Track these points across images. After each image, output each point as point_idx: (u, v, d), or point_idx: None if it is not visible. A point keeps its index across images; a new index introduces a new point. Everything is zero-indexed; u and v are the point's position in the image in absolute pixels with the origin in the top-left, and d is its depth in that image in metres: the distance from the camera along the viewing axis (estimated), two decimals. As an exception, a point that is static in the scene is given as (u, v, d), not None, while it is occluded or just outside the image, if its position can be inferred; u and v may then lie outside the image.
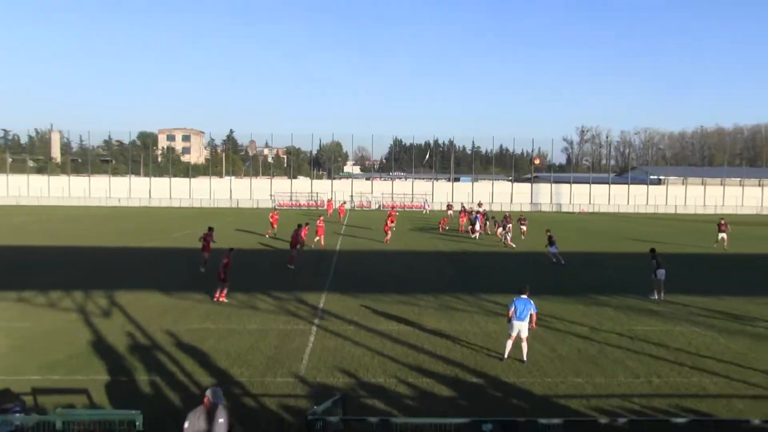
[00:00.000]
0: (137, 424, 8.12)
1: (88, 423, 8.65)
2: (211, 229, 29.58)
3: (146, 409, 9.05)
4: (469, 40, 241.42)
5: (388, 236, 42.13)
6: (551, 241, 32.44)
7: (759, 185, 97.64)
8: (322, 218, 42.27)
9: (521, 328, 14.60)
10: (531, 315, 14.72)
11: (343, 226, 55.34)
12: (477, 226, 45.84)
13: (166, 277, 26.27)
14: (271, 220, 45.87)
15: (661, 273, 22.27)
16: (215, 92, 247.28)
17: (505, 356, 14.75)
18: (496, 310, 20.21)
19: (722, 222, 40.38)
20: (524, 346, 14.74)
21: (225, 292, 21.16)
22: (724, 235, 39.65)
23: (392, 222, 47.46)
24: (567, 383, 13.42)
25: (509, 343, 14.80)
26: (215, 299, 20.91)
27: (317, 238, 38.77)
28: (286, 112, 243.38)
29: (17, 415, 9.18)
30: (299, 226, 32.04)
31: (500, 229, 43.51)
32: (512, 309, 14.65)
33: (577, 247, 39.78)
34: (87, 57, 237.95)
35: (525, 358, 14.66)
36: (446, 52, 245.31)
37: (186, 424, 7.56)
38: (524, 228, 46.29)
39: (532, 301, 14.83)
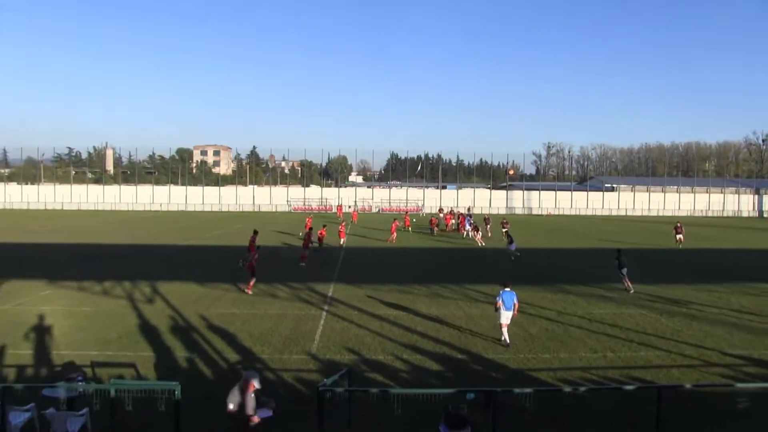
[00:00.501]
0: (176, 393, 8.12)
1: (136, 392, 8.67)
2: (255, 232, 28.83)
3: (183, 381, 9.08)
4: (455, 67, 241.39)
5: (394, 236, 40.39)
6: (510, 240, 32.33)
7: (692, 192, 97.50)
8: (343, 224, 42.35)
9: (507, 316, 14.38)
10: (514, 304, 14.50)
11: (348, 226, 55.23)
12: (468, 227, 43.81)
13: (199, 269, 26.16)
14: (306, 221, 44.94)
15: (624, 270, 22.29)
16: (241, 114, 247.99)
17: (507, 341, 14.36)
18: (478, 297, 20.19)
19: (678, 225, 40.03)
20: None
21: (252, 284, 20.98)
22: (680, 236, 38.96)
23: (407, 224, 48.82)
24: (537, 359, 13.41)
25: (505, 330, 14.41)
26: (245, 290, 20.81)
27: (342, 240, 38.26)
28: (301, 131, 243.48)
29: (80, 383, 9.23)
30: (310, 230, 31.51)
31: (472, 229, 42.18)
32: (500, 301, 14.37)
33: (545, 244, 39.75)
34: (134, 84, 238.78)
35: (508, 341, 14.46)
36: (436, 78, 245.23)
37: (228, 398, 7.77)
38: (505, 230, 44.17)
39: (515, 293, 14.65)
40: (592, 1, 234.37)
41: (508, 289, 14.60)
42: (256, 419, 7.87)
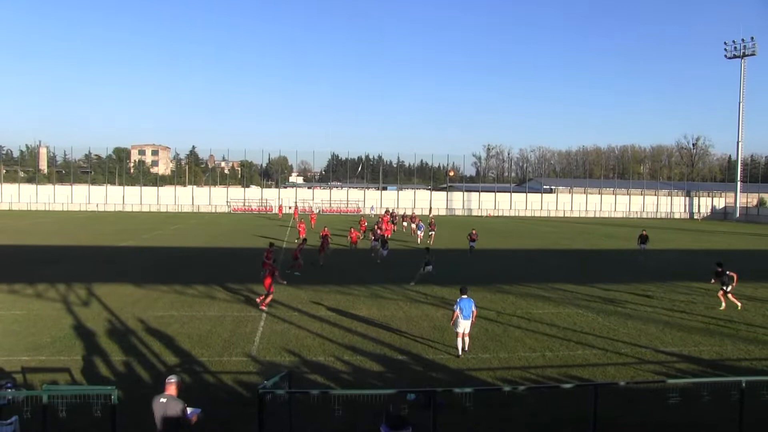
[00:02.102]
0: (113, 397, 7.86)
1: (70, 397, 8.34)
2: (272, 244, 25.02)
3: (120, 385, 8.81)
4: (395, 68, 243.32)
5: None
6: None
7: (627, 194, 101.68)
8: (303, 223, 40.15)
9: (466, 325, 13.66)
10: (473, 312, 13.71)
11: (289, 227, 54.74)
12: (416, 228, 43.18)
13: (137, 271, 25.46)
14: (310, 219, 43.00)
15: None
16: (180, 113, 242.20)
17: (460, 352, 13.65)
18: (417, 298, 20.37)
19: (644, 233, 36.02)
20: (467, 340, 13.89)
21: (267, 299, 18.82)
22: (645, 246, 35.15)
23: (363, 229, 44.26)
24: (477, 359, 13.63)
25: (459, 341, 13.71)
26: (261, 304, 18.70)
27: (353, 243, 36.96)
28: (241, 131, 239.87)
29: (9, 390, 8.84)
30: (325, 236, 29.72)
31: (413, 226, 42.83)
32: (458, 309, 13.57)
33: (485, 245, 40.47)
34: (70, 81, 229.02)
35: (467, 349, 13.88)
36: (377, 79, 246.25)
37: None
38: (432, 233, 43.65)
39: (473, 300, 13.94)
40: (529, 5, 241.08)
41: (465, 297, 13.88)
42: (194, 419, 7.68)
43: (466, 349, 13.87)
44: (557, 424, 9.85)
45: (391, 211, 66.34)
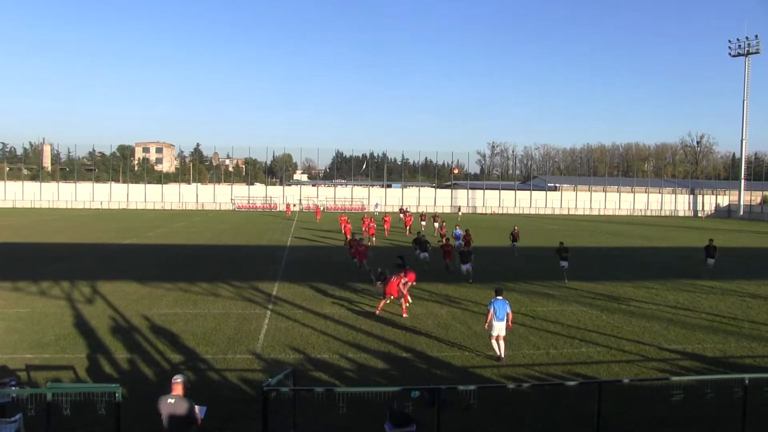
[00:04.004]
0: (117, 395, 7.88)
1: (74, 395, 8.37)
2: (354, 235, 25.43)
3: (125, 383, 8.83)
4: (401, 66, 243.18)
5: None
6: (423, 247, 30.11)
7: (631, 191, 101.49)
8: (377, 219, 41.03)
9: (501, 327, 13.06)
10: (507, 315, 13.09)
11: (293, 222, 54.84)
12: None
13: (141, 268, 25.50)
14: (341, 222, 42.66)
15: (564, 263, 23.93)
16: (184, 111, 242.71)
17: (501, 356, 13.12)
18: (422, 296, 20.33)
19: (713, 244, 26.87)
20: (502, 344, 13.21)
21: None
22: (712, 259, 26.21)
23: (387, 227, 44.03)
24: (481, 356, 13.62)
25: (494, 343, 13.21)
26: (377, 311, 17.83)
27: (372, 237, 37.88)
28: (245, 128, 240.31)
29: (13, 388, 8.87)
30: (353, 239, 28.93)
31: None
32: (491, 310, 13.04)
33: (489, 242, 40.41)
34: (74, 79, 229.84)
35: (503, 356, 13.18)
36: (382, 76, 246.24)
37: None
38: (436, 225, 44.65)
39: (507, 302, 13.37)
40: (534, 1, 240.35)
41: (500, 298, 13.34)
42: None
43: (502, 355, 13.17)
44: (561, 421, 9.84)
45: (405, 209, 65.99)
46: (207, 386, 11.19)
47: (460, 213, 76.29)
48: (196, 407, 7.37)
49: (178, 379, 7.41)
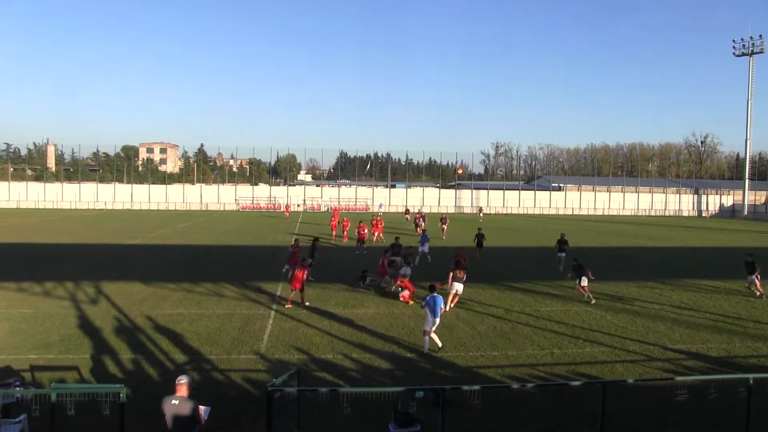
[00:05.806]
0: (121, 396, 7.89)
1: (79, 395, 8.39)
2: (297, 240, 25.37)
3: (129, 383, 8.84)
4: (404, 66, 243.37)
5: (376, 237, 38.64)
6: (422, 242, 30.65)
7: (635, 191, 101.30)
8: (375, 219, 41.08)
9: (435, 323, 13.71)
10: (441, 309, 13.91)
11: (297, 223, 54.81)
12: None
13: (145, 269, 25.56)
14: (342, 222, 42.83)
15: (561, 255, 25.40)
16: (188, 111, 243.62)
17: (438, 347, 13.74)
18: (425, 295, 20.25)
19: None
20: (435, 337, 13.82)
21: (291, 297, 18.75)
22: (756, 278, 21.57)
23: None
24: (485, 356, 13.62)
25: (427, 338, 13.70)
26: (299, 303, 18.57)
27: (376, 233, 38.45)
28: (249, 129, 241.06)
29: (17, 388, 8.90)
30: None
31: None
32: (427, 307, 13.65)
33: (493, 242, 40.33)
34: (78, 79, 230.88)
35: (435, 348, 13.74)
36: (386, 76, 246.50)
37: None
38: (444, 227, 44.20)
39: (441, 297, 14.07)
40: (537, 1, 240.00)
41: (436, 294, 13.85)
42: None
43: (436, 346, 13.78)
44: (565, 421, 9.83)
45: (421, 212, 65.38)
46: (211, 386, 11.21)
47: (481, 214, 75.77)
48: (201, 407, 7.39)
49: (182, 380, 7.42)
